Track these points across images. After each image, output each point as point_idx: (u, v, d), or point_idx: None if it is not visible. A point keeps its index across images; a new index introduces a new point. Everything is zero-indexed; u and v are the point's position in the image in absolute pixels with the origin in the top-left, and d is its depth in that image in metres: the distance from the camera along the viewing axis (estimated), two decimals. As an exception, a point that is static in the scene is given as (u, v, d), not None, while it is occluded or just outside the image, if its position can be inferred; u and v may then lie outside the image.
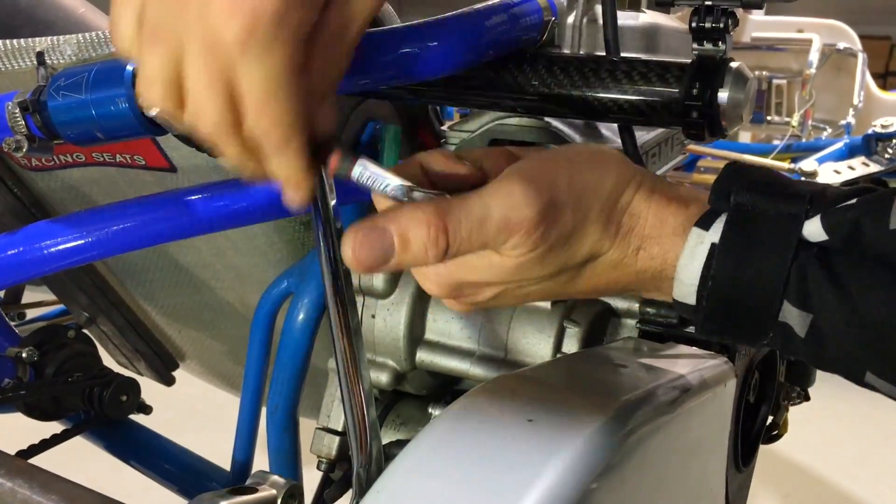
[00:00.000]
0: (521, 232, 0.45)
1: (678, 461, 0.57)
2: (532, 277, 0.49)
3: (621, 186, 0.49)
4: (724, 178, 0.48)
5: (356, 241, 0.44)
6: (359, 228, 0.44)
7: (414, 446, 0.45)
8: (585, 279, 0.50)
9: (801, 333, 0.45)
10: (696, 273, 0.47)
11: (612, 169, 0.49)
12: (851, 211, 0.44)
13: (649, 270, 0.49)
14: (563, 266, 0.49)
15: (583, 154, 0.49)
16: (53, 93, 0.60)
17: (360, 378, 0.59)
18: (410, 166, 0.51)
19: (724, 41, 0.57)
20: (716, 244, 0.46)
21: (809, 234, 0.45)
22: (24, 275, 0.71)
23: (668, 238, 0.48)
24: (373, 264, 0.44)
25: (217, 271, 0.95)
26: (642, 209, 0.49)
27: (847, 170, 2.20)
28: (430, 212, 0.44)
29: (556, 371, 0.56)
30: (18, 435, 0.97)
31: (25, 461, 0.64)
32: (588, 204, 0.48)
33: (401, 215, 0.44)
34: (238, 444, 0.91)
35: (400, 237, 0.44)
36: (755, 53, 3.13)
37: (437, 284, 0.50)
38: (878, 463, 2.50)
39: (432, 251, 0.44)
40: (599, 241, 0.49)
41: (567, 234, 0.47)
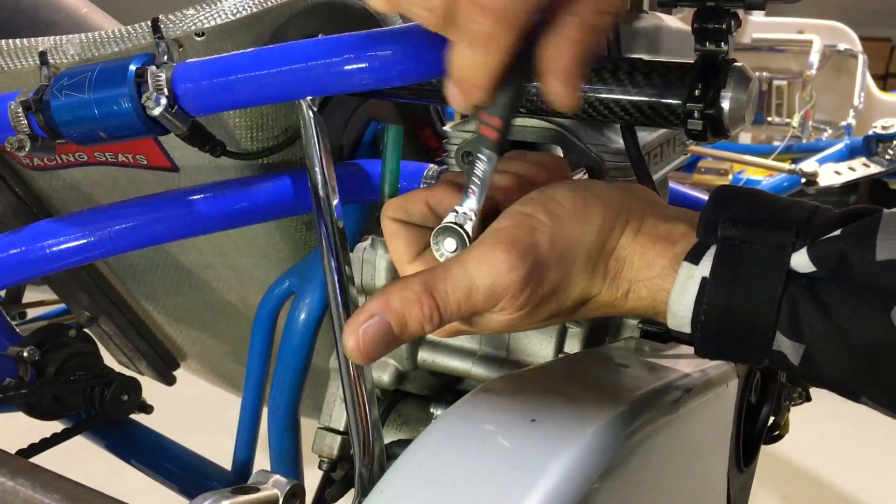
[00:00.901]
0: (507, 297, 0.46)
1: (680, 461, 0.57)
2: (527, 324, 0.49)
3: (606, 233, 0.48)
4: (711, 210, 0.48)
5: (359, 337, 0.44)
6: (357, 323, 0.44)
7: (417, 445, 0.45)
8: (581, 315, 0.51)
9: (794, 362, 0.45)
10: (689, 306, 0.47)
11: (595, 216, 0.48)
12: (837, 243, 0.44)
13: (640, 308, 0.50)
14: (553, 314, 0.49)
15: (564, 203, 0.48)
16: (56, 92, 0.60)
17: (363, 377, 0.60)
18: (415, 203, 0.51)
19: (727, 42, 0.57)
20: (706, 278, 0.46)
21: (797, 265, 0.45)
22: (26, 274, 0.72)
23: (655, 280, 0.48)
24: (377, 354, 0.45)
25: (218, 271, 0.95)
26: (628, 253, 0.49)
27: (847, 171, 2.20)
28: (418, 291, 0.45)
29: (559, 371, 0.56)
30: (19, 434, 0.97)
31: (27, 460, 0.64)
32: (573, 257, 0.47)
33: (392, 300, 0.45)
34: (239, 444, 0.91)
35: (397, 322, 0.45)
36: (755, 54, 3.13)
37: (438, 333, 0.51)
38: (878, 464, 2.50)
39: (429, 326, 0.45)
40: (588, 288, 0.49)
41: (553, 288, 0.47)
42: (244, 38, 0.67)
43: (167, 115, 0.57)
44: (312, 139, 0.61)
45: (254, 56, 0.56)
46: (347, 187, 0.78)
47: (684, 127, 0.58)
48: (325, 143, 0.61)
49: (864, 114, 2.98)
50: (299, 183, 0.74)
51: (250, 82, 0.55)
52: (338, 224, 0.61)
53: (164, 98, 0.57)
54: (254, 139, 0.74)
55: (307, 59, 0.54)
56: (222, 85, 0.56)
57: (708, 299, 0.46)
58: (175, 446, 1.13)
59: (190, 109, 0.58)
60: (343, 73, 0.53)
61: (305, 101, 0.60)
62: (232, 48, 0.65)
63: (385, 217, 0.51)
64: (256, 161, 0.77)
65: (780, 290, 0.45)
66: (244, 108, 0.71)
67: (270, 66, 0.55)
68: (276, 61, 0.55)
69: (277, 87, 0.55)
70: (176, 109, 0.57)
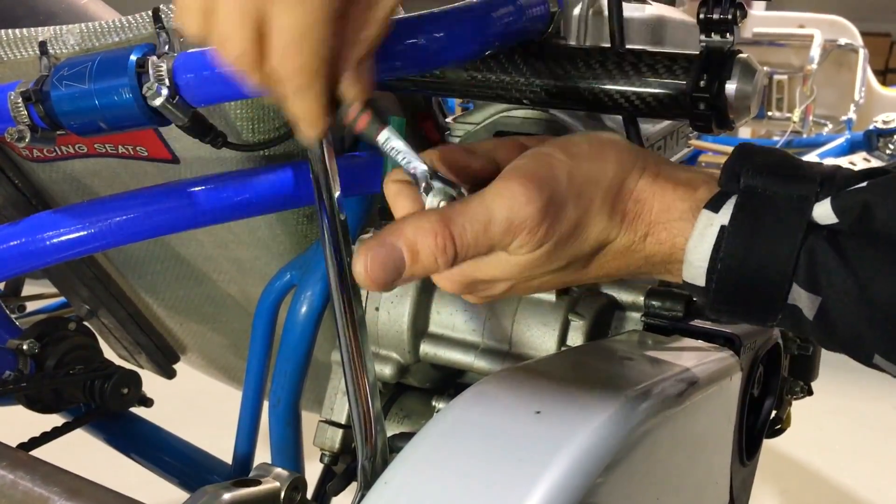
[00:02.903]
0: (525, 231, 0.45)
1: (684, 454, 0.56)
2: (542, 271, 0.49)
3: (623, 174, 0.49)
4: (735, 160, 0.48)
5: (367, 260, 0.44)
6: (367, 247, 0.44)
7: (422, 437, 0.45)
8: (596, 267, 0.51)
9: (809, 316, 0.45)
10: (706, 255, 0.47)
11: (612, 157, 0.49)
12: (861, 194, 0.44)
13: (658, 255, 0.49)
14: (572, 257, 0.49)
15: (581, 145, 0.49)
16: (56, 82, 0.60)
17: (365, 370, 0.59)
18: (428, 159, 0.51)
19: (732, 33, 0.56)
20: (725, 226, 0.46)
21: (819, 216, 0.45)
22: (26, 266, 0.71)
23: (675, 223, 0.48)
24: (386, 281, 0.44)
25: (219, 263, 0.95)
26: (647, 195, 0.49)
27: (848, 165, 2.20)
28: (434, 221, 0.44)
29: (563, 363, 0.56)
30: (19, 427, 0.97)
31: (27, 453, 0.64)
32: (590, 195, 0.47)
33: (406, 228, 0.44)
34: (240, 438, 0.91)
35: (409, 250, 0.44)
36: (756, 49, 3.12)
37: (451, 282, 0.50)
38: (876, 459, 2.51)
39: (441, 259, 0.44)
40: (606, 230, 0.49)
41: (572, 227, 0.47)
42: (245, 28, 0.66)
43: (168, 106, 0.57)
44: (314, 131, 0.60)
45: (255, 46, 0.56)
46: (349, 179, 0.77)
47: (689, 118, 0.57)
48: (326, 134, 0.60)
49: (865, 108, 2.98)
50: (301, 175, 0.74)
51: (252, 73, 0.55)
52: (339, 216, 0.61)
53: (165, 88, 0.56)
54: (255, 130, 0.74)
55: (309, 50, 0.53)
56: (223, 75, 0.56)
57: (725, 248, 0.46)
58: (175, 440, 1.12)
59: (191, 100, 0.58)
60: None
61: (307, 92, 0.60)
62: (233, 39, 0.64)
63: (388, 182, 0.51)
64: (257, 153, 0.76)
65: (801, 239, 0.44)
66: (245, 99, 0.70)
67: (272, 57, 0.54)
68: (277, 51, 0.54)
69: (279, 77, 0.55)
70: (177, 100, 0.57)
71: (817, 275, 0.44)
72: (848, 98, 3.00)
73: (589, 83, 0.59)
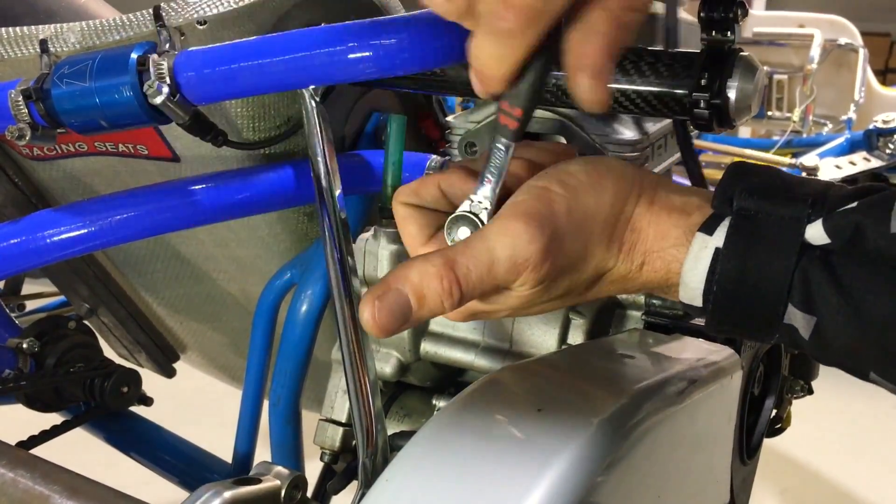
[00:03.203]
0: (528, 269, 0.45)
1: (685, 453, 0.56)
2: (541, 300, 0.49)
3: (620, 203, 0.49)
4: (727, 182, 0.48)
5: (375, 308, 0.43)
6: (374, 295, 0.43)
7: (422, 435, 0.45)
8: (595, 292, 0.51)
9: (805, 335, 0.45)
10: (702, 277, 0.47)
11: (610, 186, 0.49)
12: (852, 215, 0.44)
13: (654, 281, 0.50)
14: (570, 288, 0.49)
15: (578, 175, 0.49)
16: (57, 81, 0.60)
17: (366, 369, 0.59)
18: (428, 187, 0.51)
19: (733, 31, 0.56)
20: (720, 248, 0.46)
21: (811, 237, 0.45)
22: (26, 264, 0.71)
23: (670, 250, 0.49)
24: (393, 327, 0.44)
25: (219, 262, 0.95)
26: (643, 223, 0.49)
27: (848, 165, 2.20)
28: (439, 265, 0.44)
29: (564, 361, 0.56)
30: (19, 426, 0.97)
31: (27, 451, 0.64)
32: (589, 229, 0.48)
33: (411, 274, 0.44)
34: (240, 436, 0.91)
35: (415, 295, 0.44)
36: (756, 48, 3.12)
37: (453, 315, 0.51)
38: (876, 459, 2.51)
39: (448, 302, 0.44)
40: (604, 260, 0.49)
41: (572, 260, 0.47)
42: (246, 26, 0.66)
43: (169, 104, 0.57)
44: (314, 129, 0.60)
45: (256, 45, 0.56)
46: (350, 178, 0.77)
47: (690, 117, 0.57)
48: (327, 133, 0.61)
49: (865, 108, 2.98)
50: (301, 173, 0.74)
51: (252, 71, 0.55)
52: (340, 215, 0.61)
53: (165, 87, 0.56)
54: (256, 129, 0.74)
55: (310, 48, 0.53)
56: (224, 74, 0.55)
57: (721, 270, 0.46)
58: (175, 438, 1.12)
59: (192, 98, 0.57)
60: (346, 63, 0.52)
61: (308, 90, 0.60)
62: (234, 36, 0.64)
63: (397, 202, 0.51)
64: (258, 151, 0.76)
65: (794, 261, 0.44)
66: (246, 97, 0.70)
67: (273, 55, 0.54)
68: (278, 50, 0.54)
69: (280, 76, 0.55)
70: (178, 98, 0.57)
71: (812, 295, 0.44)
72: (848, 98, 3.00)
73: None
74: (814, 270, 0.44)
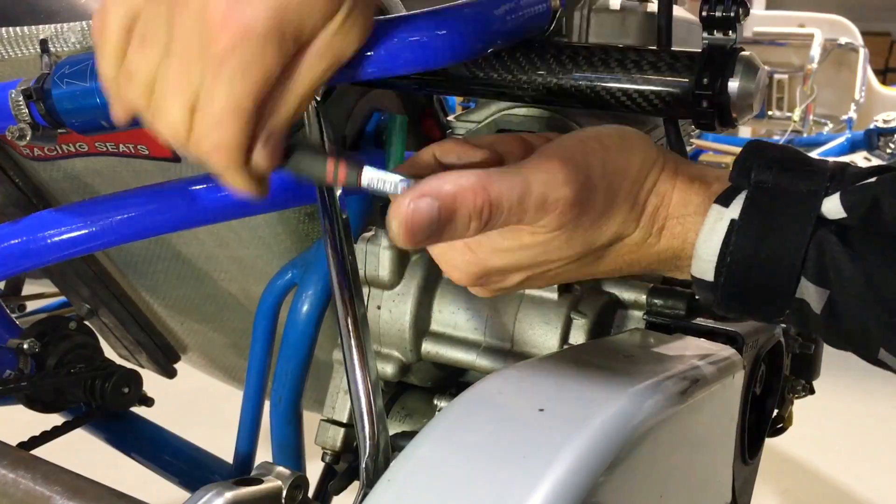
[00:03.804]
0: (556, 211, 0.45)
1: (687, 452, 0.56)
2: (557, 259, 0.49)
3: (647, 167, 0.49)
4: (745, 156, 0.48)
5: (408, 213, 0.41)
6: (405, 200, 0.42)
7: (424, 435, 0.45)
8: (609, 260, 0.51)
9: (817, 310, 0.45)
10: (715, 249, 0.47)
11: (639, 150, 0.50)
12: (870, 189, 0.44)
13: (670, 249, 0.50)
14: (588, 247, 0.49)
15: (612, 136, 0.50)
16: (58, 81, 0.60)
17: (367, 369, 0.59)
18: (424, 157, 0.51)
19: (735, 30, 0.56)
20: (735, 220, 0.46)
21: (828, 211, 0.45)
22: (26, 264, 0.71)
23: (690, 217, 0.49)
24: (421, 237, 0.42)
25: (220, 263, 0.94)
26: (667, 189, 0.49)
27: (849, 165, 2.20)
28: (474, 181, 0.43)
29: (566, 361, 0.56)
30: (20, 427, 0.97)
31: (28, 452, 0.64)
32: (618, 186, 0.48)
33: (445, 184, 0.42)
34: (241, 437, 0.91)
35: (446, 208, 0.42)
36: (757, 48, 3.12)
37: (464, 273, 0.50)
38: (876, 459, 2.51)
39: (475, 223, 0.43)
40: (625, 223, 0.49)
41: (597, 214, 0.48)
42: (247, 26, 0.66)
43: (170, 104, 0.56)
44: (316, 129, 0.60)
45: (257, 44, 0.55)
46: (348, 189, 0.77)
47: (692, 116, 0.57)
48: (328, 133, 0.60)
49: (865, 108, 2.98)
50: (302, 173, 0.74)
51: (253, 70, 0.55)
52: (341, 215, 0.61)
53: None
54: (256, 129, 0.74)
55: (311, 47, 0.53)
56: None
57: (735, 242, 0.46)
58: (176, 439, 1.12)
59: (193, 98, 0.57)
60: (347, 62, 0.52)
61: (309, 90, 0.60)
62: (234, 37, 0.64)
63: None
64: (259, 151, 0.76)
65: (810, 234, 0.45)
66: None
67: (274, 55, 0.54)
68: (279, 49, 0.54)
69: (281, 75, 0.54)
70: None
71: (826, 268, 0.44)
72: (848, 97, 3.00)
73: (591, 81, 0.59)
74: (829, 244, 0.44)
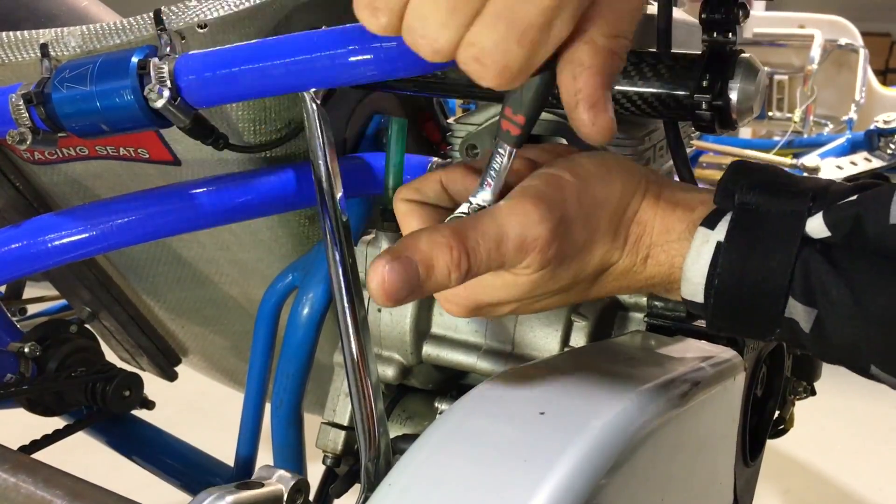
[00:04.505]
0: (535, 250, 0.45)
1: (688, 454, 0.56)
2: (546, 292, 0.49)
3: (628, 196, 0.49)
4: (729, 178, 0.49)
5: (384, 275, 0.42)
6: (383, 262, 0.43)
7: (425, 439, 0.45)
8: (598, 288, 0.51)
9: (806, 329, 0.45)
10: (703, 271, 0.47)
11: (618, 179, 0.49)
12: (853, 207, 0.44)
13: (657, 276, 0.50)
14: (574, 279, 0.49)
15: (588, 167, 0.49)
16: (58, 85, 0.60)
17: (368, 372, 0.59)
18: (430, 183, 0.51)
19: (735, 32, 0.56)
20: (721, 243, 0.47)
21: (812, 230, 0.45)
22: (27, 268, 0.71)
23: (674, 244, 0.49)
24: (401, 296, 0.43)
25: (221, 266, 0.94)
26: (649, 217, 0.49)
27: (849, 165, 2.20)
28: (448, 235, 0.44)
29: (567, 363, 0.56)
30: (21, 430, 0.97)
31: (29, 456, 0.64)
32: (597, 218, 0.48)
33: (420, 242, 0.43)
34: (242, 440, 0.91)
35: (424, 264, 0.43)
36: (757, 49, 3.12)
37: (457, 306, 0.50)
38: (878, 459, 2.51)
39: (455, 274, 0.44)
40: (609, 253, 0.49)
41: (578, 248, 0.48)
42: (247, 29, 0.66)
43: (170, 108, 0.57)
44: (316, 132, 0.60)
45: (257, 48, 0.56)
46: (351, 181, 0.77)
47: (692, 118, 0.57)
48: (328, 136, 0.60)
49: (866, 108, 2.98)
50: (302, 176, 0.74)
51: (253, 74, 0.55)
52: (342, 218, 0.61)
53: (166, 90, 0.56)
54: (256, 132, 0.74)
55: (311, 51, 0.53)
56: (225, 77, 0.55)
57: (722, 264, 0.46)
58: (177, 442, 1.12)
59: (193, 102, 0.57)
60: (347, 65, 0.53)
61: (309, 93, 0.60)
62: (235, 40, 0.64)
63: (398, 199, 0.51)
64: (259, 154, 0.76)
65: (795, 254, 0.45)
66: (247, 100, 0.70)
67: (273, 58, 0.54)
68: (279, 53, 0.54)
69: (280, 79, 0.55)
70: (179, 102, 0.57)
71: (812, 287, 0.44)
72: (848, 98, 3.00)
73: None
74: (814, 263, 0.44)
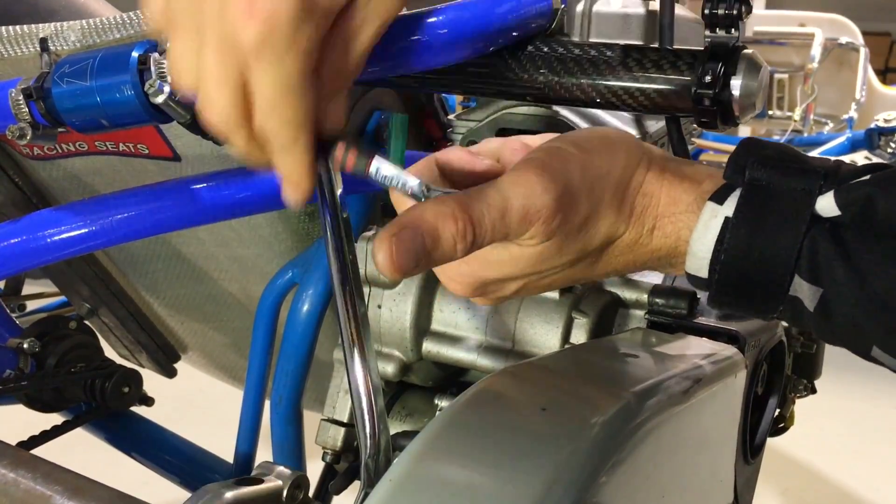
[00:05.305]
0: (540, 220, 0.45)
1: (689, 452, 0.56)
2: (552, 267, 0.49)
3: (632, 168, 0.49)
4: (740, 153, 0.48)
5: (392, 246, 0.42)
6: (389, 233, 0.43)
7: (426, 435, 0.45)
8: (604, 263, 0.51)
9: (810, 307, 0.45)
10: (710, 246, 0.47)
11: (622, 152, 0.49)
12: (864, 187, 0.44)
13: (664, 248, 0.50)
14: (581, 252, 0.49)
15: (592, 140, 0.49)
16: (58, 79, 0.59)
17: (368, 368, 0.59)
18: (427, 165, 0.51)
19: (738, 28, 0.56)
20: (729, 218, 0.46)
21: (822, 209, 0.45)
22: (26, 264, 0.71)
23: (681, 215, 0.49)
24: (408, 267, 0.43)
25: (220, 262, 0.94)
26: (654, 189, 0.49)
27: (849, 164, 2.20)
28: (453, 206, 0.43)
29: (568, 360, 0.56)
30: (20, 426, 0.96)
31: (28, 452, 0.64)
32: (601, 189, 0.48)
33: (426, 212, 0.43)
34: (241, 436, 0.91)
35: (430, 235, 0.43)
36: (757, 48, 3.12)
37: (462, 284, 0.50)
38: (876, 458, 2.51)
39: (461, 245, 0.43)
40: (615, 225, 0.49)
41: (583, 220, 0.47)
42: (247, 25, 0.66)
43: (170, 103, 0.56)
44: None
45: (257, 42, 0.55)
46: (351, 177, 0.77)
47: (694, 114, 0.57)
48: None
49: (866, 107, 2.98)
50: (302, 172, 0.73)
51: (254, 69, 0.55)
52: (342, 214, 0.60)
53: (167, 85, 0.56)
54: (257, 128, 0.74)
55: (312, 46, 0.53)
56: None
57: (729, 239, 0.46)
58: (176, 439, 1.12)
59: (193, 97, 0.57)
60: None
61: (309, 88, 0.60)
62: (235, 35, 0.64)
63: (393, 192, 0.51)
64: (259, 150, 0.76)
65: (803, 231, 0.45)
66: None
67: (274, 53, 0.54)
68: (280, 48, 0.54)
69: (281, 74, 0.54)
70: (179, 97, 0.56)
71: (819, 266, 0.44)
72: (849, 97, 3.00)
73: (592, 80, 0.59)
74: (822, 242, 0.44)
